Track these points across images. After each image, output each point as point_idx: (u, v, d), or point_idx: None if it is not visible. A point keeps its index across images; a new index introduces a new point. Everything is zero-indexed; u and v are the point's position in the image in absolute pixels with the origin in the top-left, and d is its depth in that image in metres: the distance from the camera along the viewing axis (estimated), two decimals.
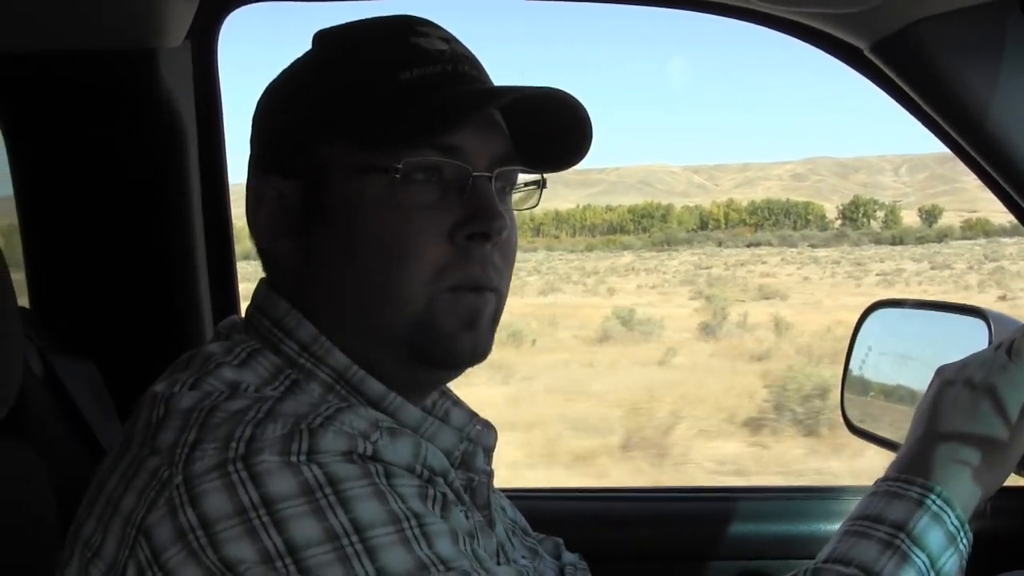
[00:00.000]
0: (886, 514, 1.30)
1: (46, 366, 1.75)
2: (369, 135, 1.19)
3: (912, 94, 1.82)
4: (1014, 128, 1.71)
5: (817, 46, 1.93)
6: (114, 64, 1.93)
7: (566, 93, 1.23)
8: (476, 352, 1.25)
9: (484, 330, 1.25)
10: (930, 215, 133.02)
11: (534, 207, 1.35)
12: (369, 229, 1.20)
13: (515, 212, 1.32)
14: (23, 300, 2.00)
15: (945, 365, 1.46)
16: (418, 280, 1.19)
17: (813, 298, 36.81)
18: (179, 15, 1.94)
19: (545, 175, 1.34)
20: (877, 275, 48.25)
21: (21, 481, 1.49)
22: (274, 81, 1.32)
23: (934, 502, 1.30)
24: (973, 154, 1.80)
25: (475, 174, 1.22)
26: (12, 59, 1.91)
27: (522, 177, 1.32)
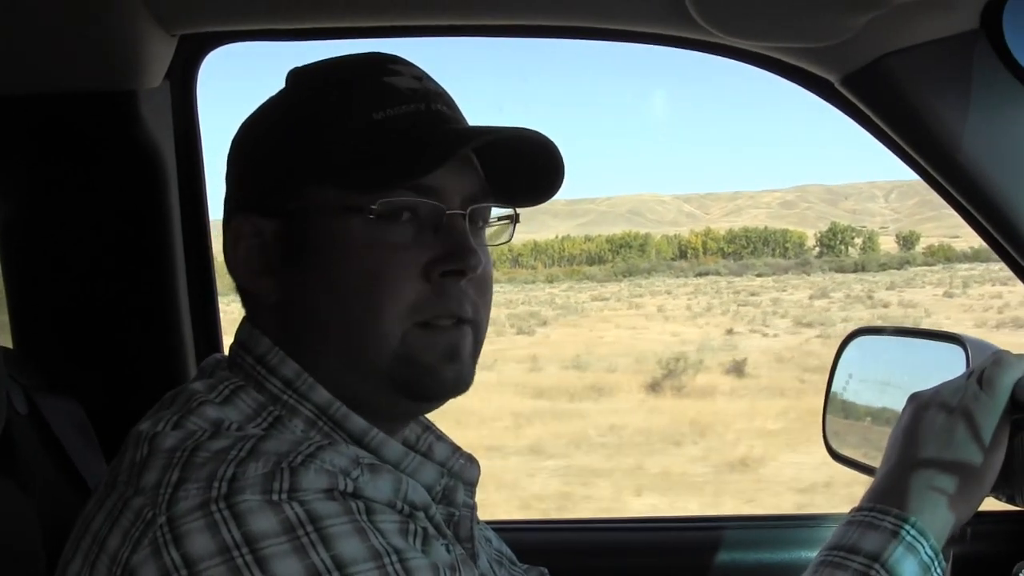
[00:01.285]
0: (861, 544, 1.32)
1: (31, 405, 1.74)
2: (345, 176, 1.21)
3: (884, 126, 1.84)
4: (984, 158, 1.73)
5: (789, 79, 1.95)
6: (94, 105, 1.94)
7: (538, 133, 1.25)
8: (459, 383, 1.27)
9: (466, 361, 1.27)
10: (908, 241, 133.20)
11: (507, 242, 1.37)
12: (347, 267, 1.21)
13: (489, 247, 1.33)
14: (6, 340, 2.01)
15: (918, 392, 1.48)
16: (393, 317, 1.21)
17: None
18: (158, 56, 1.96)
19: (519, 209, 1.35)
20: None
21: (8, 519, 1.49)
22: (249, 119, 1.33)
23: (908, 532, 1.32)
24: (945, 184, 1.82)
25: (448, 212, 1.24)
26: None
27: (495, 211, 1.34)
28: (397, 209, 1.21)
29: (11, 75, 1.89)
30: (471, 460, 1.40)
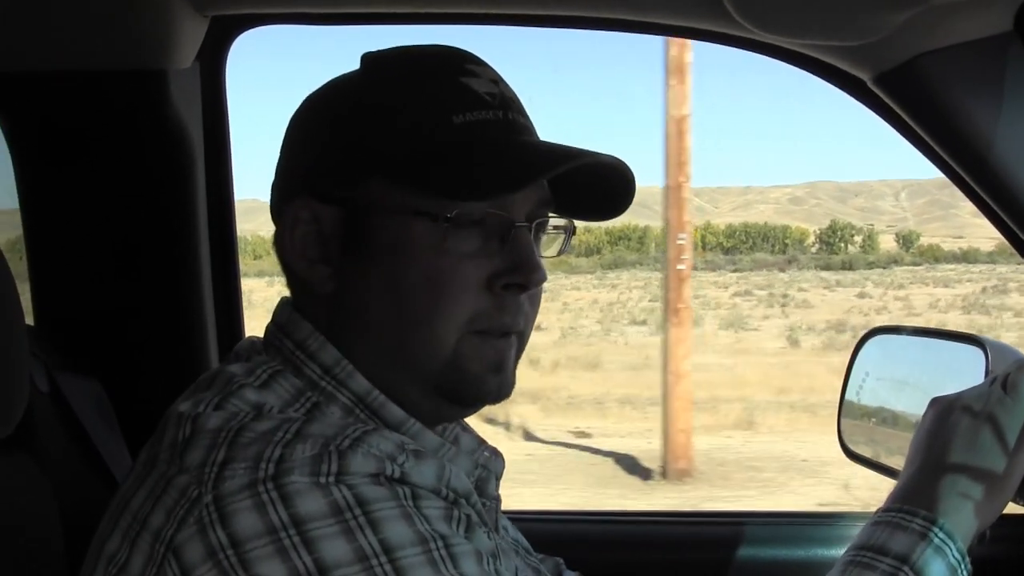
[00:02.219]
0: (890, 546, 1.32)
1: (52, 383, 1.75)
2: (423, 179, 1.20)
3: (915, 126, 1.83)
4: (1016, 161, 1.72)
5: (820, 76, 1.94)
6: (123, 84, 1.94)
7: (624, 164, 1.25)
8: (501, 393, 1.28)
9: (510, 372, 1.28)
10: (907, 240, 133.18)
11: (560, 255, 1.37)
12: (412, 271, 1.21)
13: (545, 257, 1.33)
14: (28, 317, 2.01)
15: (938, 396, 1.48)
16: (451, 325, 1.21)
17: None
18: (189, 36, 1.96)
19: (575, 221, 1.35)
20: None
21: (27, 496, 1.49)
22: (316, 98, 1.32)
23: (936, 535, 1.31)
24: (974, 186, 1.81)
25: (517, 224, 1.24)
26: (21, 78, 1.92)
27: (552, 221, 1.33)
28: (470, 220, 1.21)
29: (42, 51, 1.90)
30: (496, 453, 1.41)
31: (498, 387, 1.27)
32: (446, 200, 1.19)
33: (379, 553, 1.03)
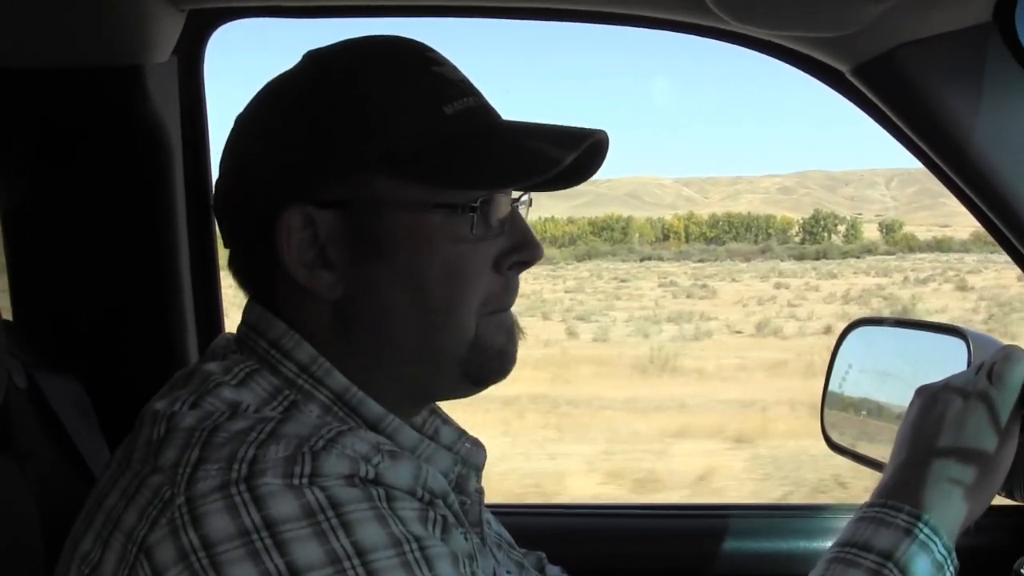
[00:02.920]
0: (873, 542, 1.31)
1: (30, 380, 1.74)
2: (435, 174, 1.19)
3: (894, 117, 1.83)
4: (994, 152, 1.72)
5: (799, 68, 1.94)
6: (99, 80, 1.93)
7: (604, 135, 1.26)
8: (515, 360, 1.31)
9: (517, 339, 1.31)
10: (890, 229, 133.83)
11: None
12: (432, 263, 1.21)
13: None
14: (6, 314, 2.00)
15: (925, 385, 1.47)
16: (471, 310, 1.24)
17: None
18: (166, 31, 1.94)
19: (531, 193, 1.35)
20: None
21: (4, 494, 1.48)
22: (270, 99, 1.28)
23: (921, 531, 1.30)
24: (953, 177, 1.81)
25: (513, 203, 1.26)
26: None
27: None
28: (492, 209, 1.23)
29: (16, 48, 1.88)
30: (477, 444, 1.40)
31: (514, 354, 1.30)
32: (466, 191, 1.20)
33: (352, 555, 1.02)
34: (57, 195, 1.99)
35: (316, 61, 1.28)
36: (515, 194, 1.27)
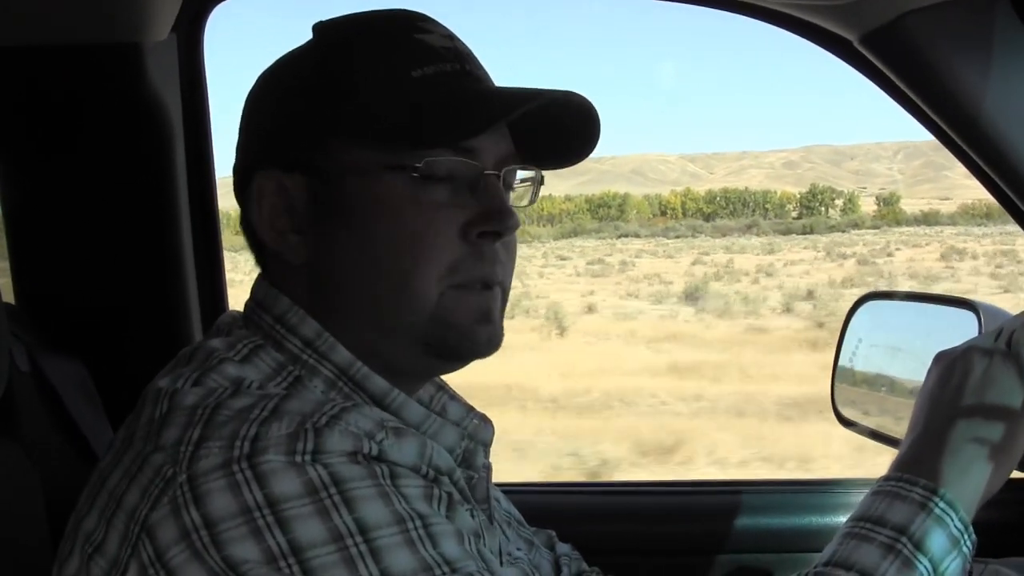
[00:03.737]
0: (888, 516, 1.28)
1: (33, 363, 1.74)
2: (389, 135, 1.19)
3: (902, 86, 1.81)
4: (1003, 120, 1.71)
5: (806, 38, 1.93)
6: (99, 58, 1.91)
7: (583, 98, 1.24)
8: (492, 343, 1.27)
9: (498, 322, 1.28)
10: (888, 203, 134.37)
11: (530, 204, 1.36)
12: (386, 227, 1.20)
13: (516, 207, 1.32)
14: (8, 296, 1.99)
15: (943, 351, 1.43)
16: (432, 277, 1.21)
17: None
18: (164, 9, 1.92)
19: (543, 172, 1.34)
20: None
21: (8, 477, 1.48)
22: (271, 71, 1.31)
23: (937, 505, 1.28)
24: (963, 145, 1.80)
25: (486, 172, 1.23)
26: None
27: (520, 173, 1.32)
28: (440, 169, 1.20)
29: (14, 25, 1.86)
30: (485, 420, 1.39)
31: (488, 337, 1.26)
32: (413, 151, 1.18)
33: (355, 533, 1.02)
34: (58, 175, 1.98)
35: (313, 33, 1.29)
36: (491, 163, 1.25)
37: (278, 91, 1.28)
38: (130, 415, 1.19)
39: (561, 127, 1.27)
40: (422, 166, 1.18)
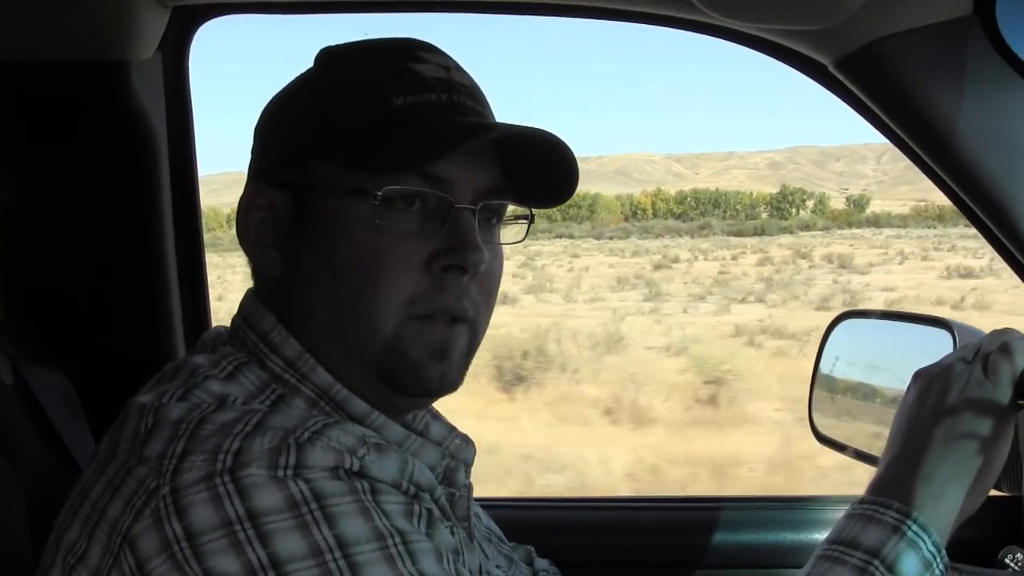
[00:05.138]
0: (861, 539, 1.29)
1: (17, 375, 1.74)
2: (354, 157, 1.20)
3: (876, 110, 1.83)
4: (976, 143, 1.72)
5: (782, 61, 1.94)
6: (84, 75, 1.93)
7: (552, 135, 1.24)
8: (444, 383, 1.26)
9: (455, 361, 1.26)
10: (858, 204, 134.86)
11: (519, 242, 1.36)
12: (346, 250, 1.21)
13: (503, 244, 1.32)
14: None
15: (922, 369, 1.44)
16: (388, 307, 1.20)
17: None
18: (150, 27, 1.94)
19: (534, 210, 1.35)
20: None
21: None
22: (279, 93, 1.33)
23: (910, 528, 1.29)
24: (936, 169, 1.81)
25: (457, 206, 1.22)
26: None
27: (512, 210, 1.33)
28: (404, 196, 1.20)
29: (3, 41, 1.88)
30: (467, 440, 1.40)
31: (441, 375, 1.25)
32: (377, 176, 1.19)
33: (334, 548, 1.03)
34: (43, 189, 1.99)
35: (316, 59, 1.32)
36: (467, 198, 1.24)
37: (278, 111, 1.31)
38: (112, 427, 1.19)
39: (543, 163, 1.27)
40: (381, 193, 1.18)
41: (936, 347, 1.62)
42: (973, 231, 1.86)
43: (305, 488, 1.04)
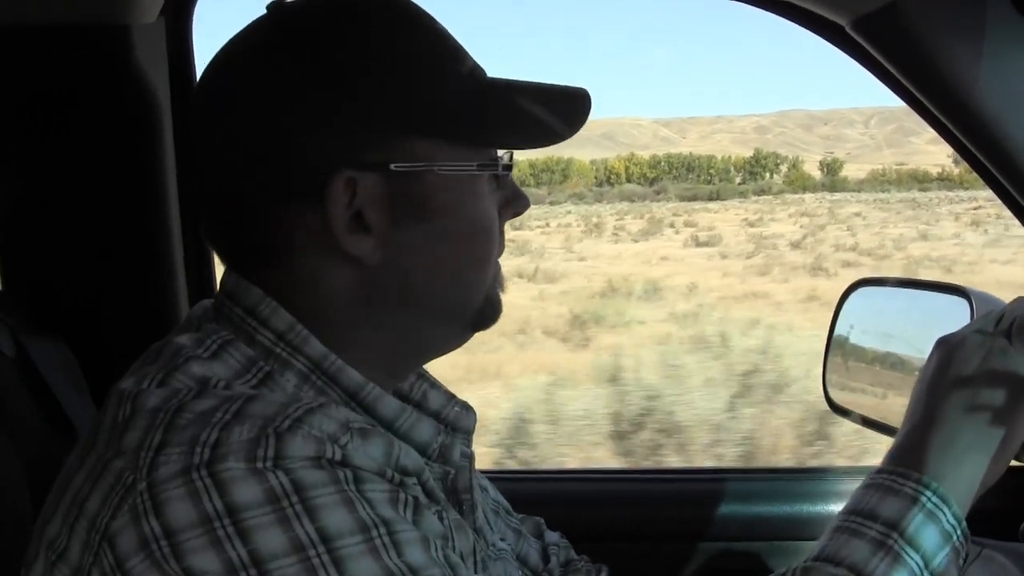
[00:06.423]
0: (879, 511, 1.26)
1: (18, 347, 1.73)
2: (479, 135, 1.23)
3: (894, 71, 1.80)
4: (996, 106, 1.69)
5: (798, 23, 1.91)
6: (86, 39, 1.90)
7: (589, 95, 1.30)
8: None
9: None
10: (831, 168, 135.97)
11: None
12: (468, 221, 1.23)
13: None
14: None
15: (944, 337, 1.40)
16: (494, 267, 1.28)
17: None
18: None
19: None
20: None
21: None
22: (267, 61, 1.20)
23: (929, 499, 1.25)
24: (955, 131, 1.79)
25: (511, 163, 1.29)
26: None
27: None
28: (505, 167, 1.27)
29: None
30: (466, 408, 1.37)
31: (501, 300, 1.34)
32: (475, 150, 1.22)
33: (317, 543, 0.99)
34: (43, 158, 1.97)
35: (298, 20, 1.21)
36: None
37: (330, 90, 1.18)
38: (97, 413, 1.17)
39: (573, 115, 1.29)
40: (508, 162, 1.26)
41: (953, 315, 1.60)
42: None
43: (285, 480, 1.01)
